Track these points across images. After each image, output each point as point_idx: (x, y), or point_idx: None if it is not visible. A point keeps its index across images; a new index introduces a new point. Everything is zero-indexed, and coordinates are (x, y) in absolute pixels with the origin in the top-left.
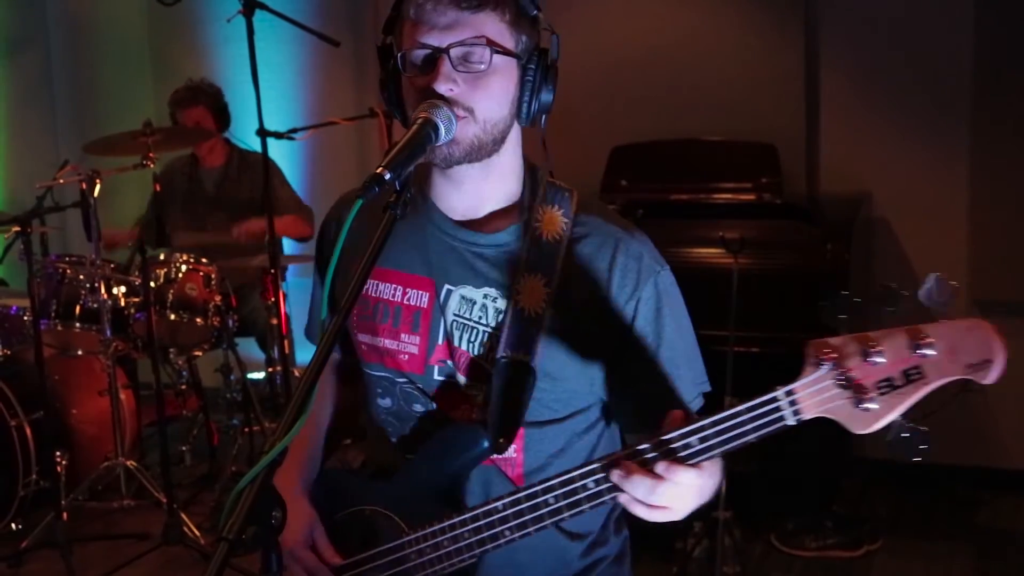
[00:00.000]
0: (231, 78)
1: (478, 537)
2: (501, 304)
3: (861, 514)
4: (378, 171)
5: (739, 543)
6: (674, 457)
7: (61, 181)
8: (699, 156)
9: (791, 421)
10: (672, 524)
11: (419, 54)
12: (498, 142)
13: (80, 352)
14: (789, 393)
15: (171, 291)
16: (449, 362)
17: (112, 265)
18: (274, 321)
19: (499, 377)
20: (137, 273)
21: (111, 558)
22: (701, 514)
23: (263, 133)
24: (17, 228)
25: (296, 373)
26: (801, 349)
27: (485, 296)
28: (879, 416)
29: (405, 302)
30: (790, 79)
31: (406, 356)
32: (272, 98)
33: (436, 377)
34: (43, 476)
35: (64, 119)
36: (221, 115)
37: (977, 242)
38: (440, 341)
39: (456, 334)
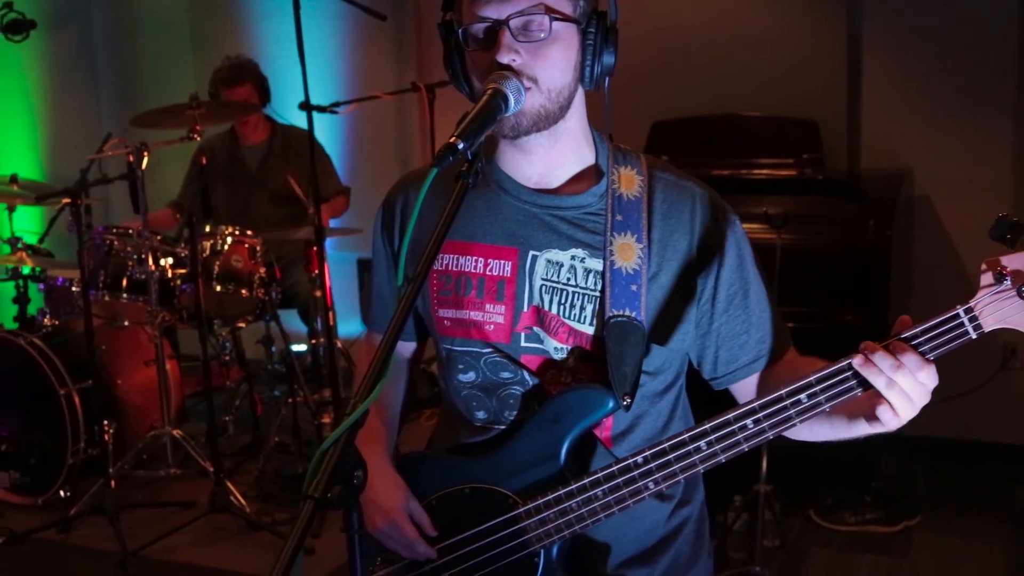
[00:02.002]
0: (271, 52)
1: (617, 494)
2: (591, 264)
3: (900, 490)
4: (451, 140)
5: (779, 517)
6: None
7: (109, 153)
8: (740, 132)
9: (973, 335)
10: (714, 496)
11: (479, 27)
12: (564, 109)
13: (127, 323)
14: (968, 310)
15: (217, 263)
16: (536, 328)
17: (159, 237)
18: (318, 293)
19: (613, 336)
20: (184, 245)
21: (158, 525)
22: (742, 487)
23: (308, 107)
24: (67, 200)
25: (339, 345)
26: (844, 322)
27: (572, 257)
28: None
29: (488, 272)
30: (832, 55)
31: (492, 326)
32: (312, 73)
33: (523, 344)
34: (91, 444)
35: (106, 93)
36: (265, 92)
37: (1020, 218)
38: (526, 308)
39: (545, 298)
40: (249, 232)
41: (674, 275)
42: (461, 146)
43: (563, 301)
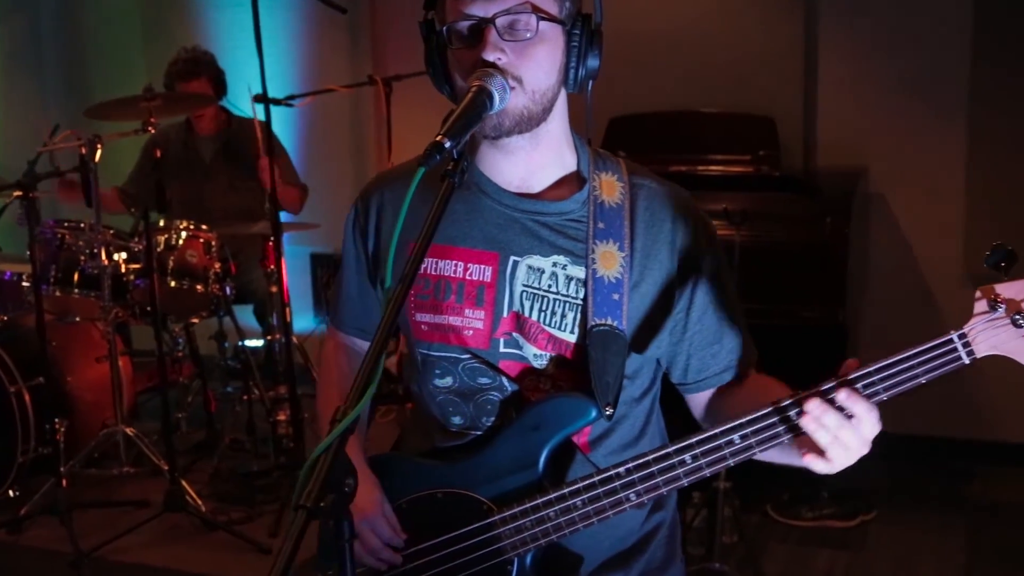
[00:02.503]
0: (223, 43)
1: (597, 505)
2: (572, 271)
3: (855, 486)
4: (438, 139)
5: (737, 513)
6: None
7: (61, 146)
8: (697, 128)
9: (966, 360)
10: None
11: (464, 25)
12: (547, 111)
13: (78, 319)
14: (962, 336)
15: (172, 258)
16: (515, 334)
17: (112, 231)
18: (274, 289)
19: (596, 345)
20: (137, 239)
21: (111, 525)
22: (701, 484)
23: (265, 100)
24: (18, 193)
25: (295, 341)
26: (801, 318)
27: (554, 264)
28: None
29: (468, 277)
30: (789, 53)
31: (471, 331)
32: (266, 65)
33: (502, 350)
34: (42, 443)
35: (53, 84)
36: (220, 84)
37: (973, 217)
38: (506, 313)
39: (526, 304)
40: (204, 227)
41: (655, 284)
42: (448, 144)
43: (544, 308)
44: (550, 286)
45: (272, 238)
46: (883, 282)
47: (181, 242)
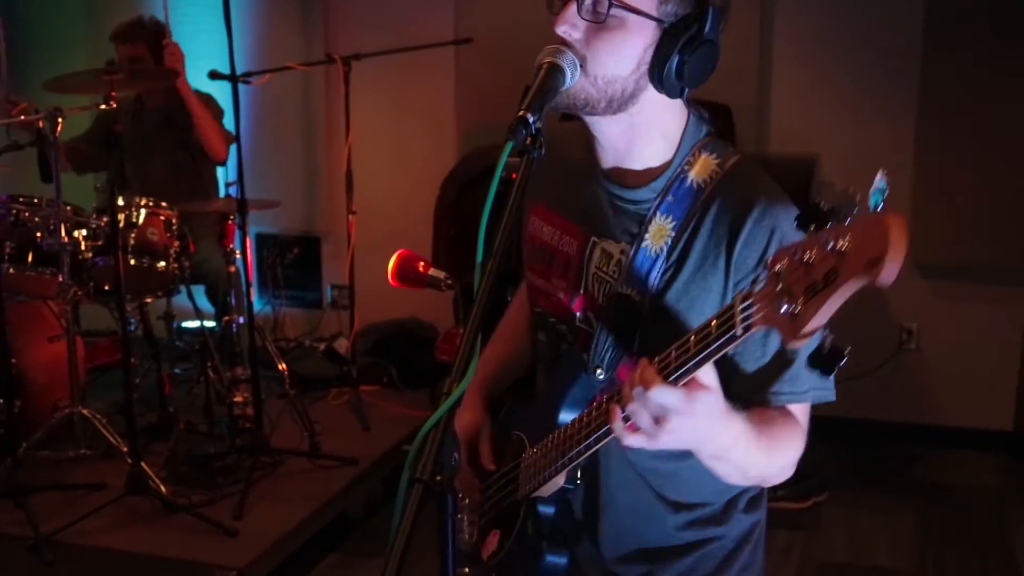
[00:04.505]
0: (174, 19)
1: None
2: None
3: (806, 468)
4: (521, 114)
5: None
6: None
7: (21, 119)
8: None
9: (739, 332)
10: None
11: None
12: (615, 101)
13: (32, 297)
14: (745, 299)
15: (132, 235)
16: (589, 312)
17: (69, 208)
18: (232, 269)
19: (609, 310)
20: (95, 216)
21: (67, 508)
22: None
23: (233, 78)
24: None
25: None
26: None
27: (621, 251)
28: (804, 321)
29: (560, 247)
30: (745, 43)
31: (555, 299)
32: (216, 41)
33: (578, 324)
34: None
35: None
36: (159, 52)
37: (921, 207)
38: (582, 291)
39: (595, 287)
40: (163, 204)
41: (695, 273)
42: (532, 119)
43: (606, 293)
44: (615, 273)
45: (231, 217)
46: None
47: (141, 220)
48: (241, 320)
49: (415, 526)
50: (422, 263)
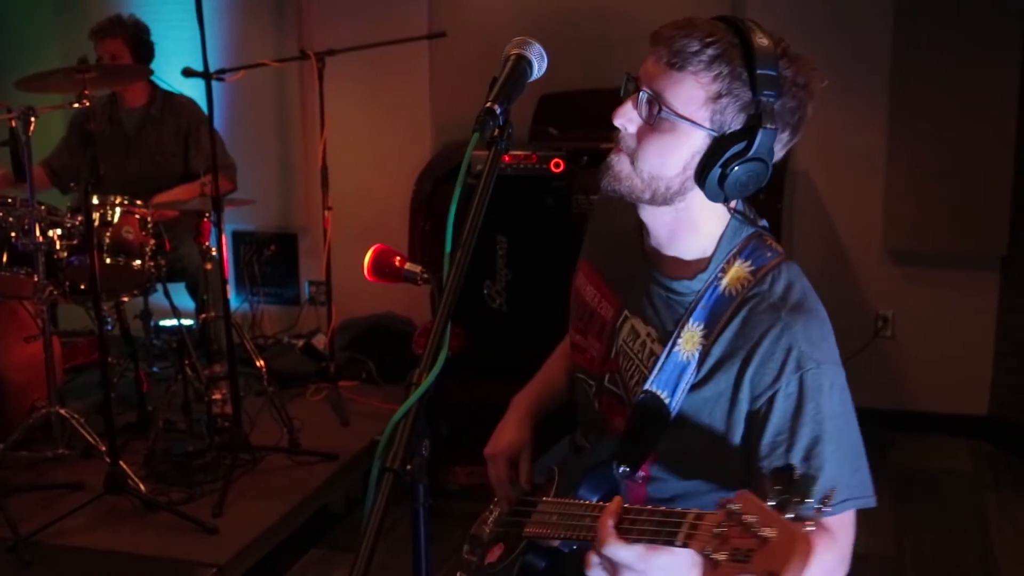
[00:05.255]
0: (145, 17)
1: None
2: (655, 348)
3: None
4: (488, 105)
5: None
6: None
7: None
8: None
9: (678, 543)
10: None
11: (633, 77)
12: (661, 196)
13: (5, 297)
14: (694, 524)
15: (108, 234)
16: (617, 375)
17: (44, 207)
18: (208, 266)
19: (638, 410)
20: (70, 215)
21: (45, 509)
22: None
23: (207, 75)
24: None
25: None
26: None
27: (648, 335)
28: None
29: (598, 310)
30: None
31: (589, 356)
32: (187, 38)
33: (606, 384)
34: None
35: None
36: (139, 50)
37: (893, 194)
38: (611, 355)
39: (620, 357)
40: (139, 202)
41: (720, 386)
42: (499, 110)
43: (628, 368)
44: (639, 352)
45: (207, 215)
46: (807, 258)
47: (116, 218)
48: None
49: (387, 515)
50: (398, 258)
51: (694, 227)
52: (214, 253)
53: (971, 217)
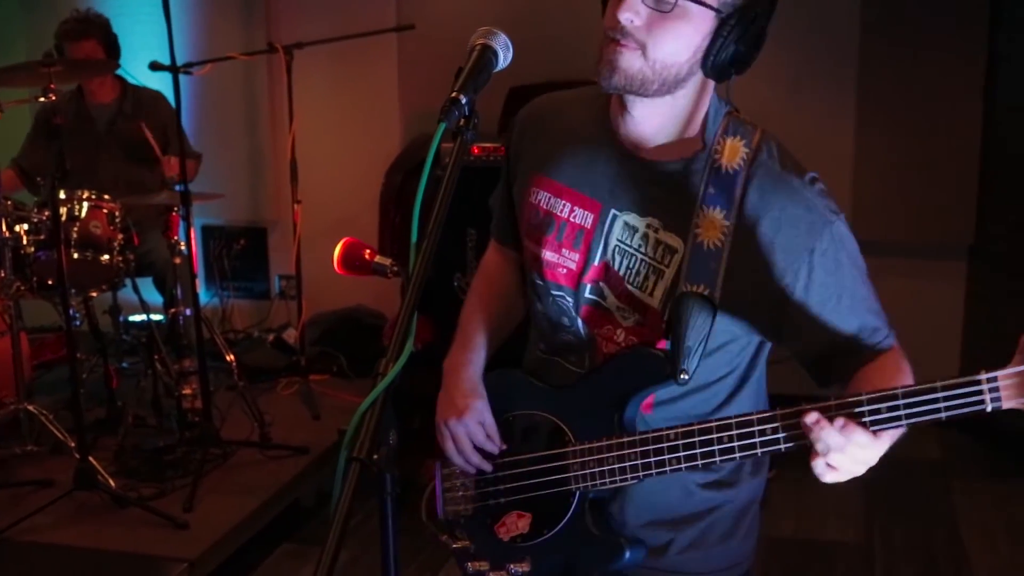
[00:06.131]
0: (110, 11)
1: (644, 460)
2: (664, 236)
3: None
4: (454, 95)
5: None
6: (858, 419)
7: None
8: None
9: (988, 408)
10: None
11: None
12: (668, 84)
13: None
14: (991, 380)
15: (75, 229)
16: (601, 283)
17: (9, 201)
18: (177, 260)
19: (684, 309)
20: (38, 211)
21: (16, 505)
22: None
23: (174, 69)
24: None
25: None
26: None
27: (648, 226)
28: None
29: (571, 219)
30: None
31: (564, 270)
32: (155, 32)
33: (587, 295)
34: None
35: None
36: (111, 48)
37: (861, 184)
38: (597, 262)
39: (616, 259)
40: (106, 196)
41: (759, 262)
42: (464, 100)
43: (631, 267)
44: (640, 247)
45: (176, 209)
46: None
47: (84, 213)
48: (188, 312)
49: (357, 508)
50: (368, 251)
51: (688, 112)
52: (183, 247)
53: (939, 207)
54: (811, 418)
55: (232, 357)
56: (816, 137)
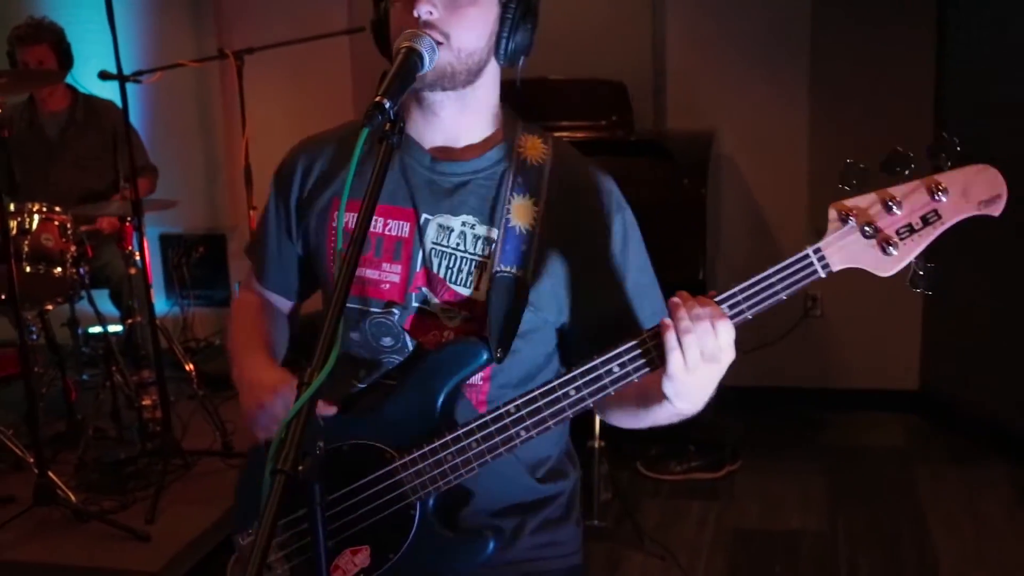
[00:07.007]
0: (61, 19)
1: (490, 443)
2: (480, 230)
3: (719, 438)
4: (378, 100)
5: (609, 471)
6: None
7: None
8: (549, 95)
9: (822, 274)
10: None
11: None
12: (472, 73)
13: None
14: (817, 251)
15: (26, 242)
16: (424, 288)
17: None
18: (132, 271)
19: (496, 291)
20: None
21: None
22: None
23: (120, 78)
24: None
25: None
26: (663, 280)
27: (463, 224)
28: (901, 258)
29: (387, 232)
30: (638, 18)
31: (387, 285)
32: (105, 41)
33: (413, 304)
34: None
35: None
36: (64, 55)
37: (816, 175)
38: (418, 268)
39: (434, 261)
40: (57, 208)
41: (564, 244)
42: (388, 105)
43: (451, 265)
44: (458, 244)
45: (128, 219)
46: (735, 241)
47: (35, 226)
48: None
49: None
50: None
51: (482, 105)
52: (137, 258)
53: None
54: (675, 300)
55: (191, 366)
56: (772, 130)
